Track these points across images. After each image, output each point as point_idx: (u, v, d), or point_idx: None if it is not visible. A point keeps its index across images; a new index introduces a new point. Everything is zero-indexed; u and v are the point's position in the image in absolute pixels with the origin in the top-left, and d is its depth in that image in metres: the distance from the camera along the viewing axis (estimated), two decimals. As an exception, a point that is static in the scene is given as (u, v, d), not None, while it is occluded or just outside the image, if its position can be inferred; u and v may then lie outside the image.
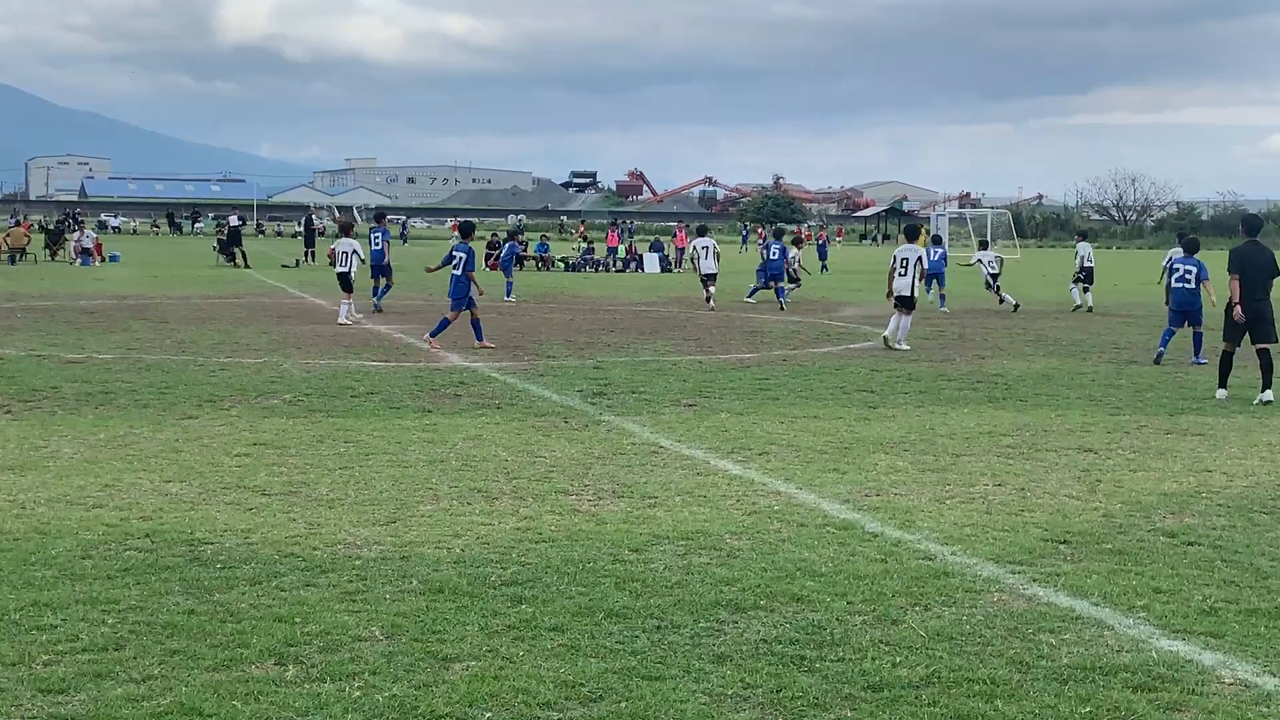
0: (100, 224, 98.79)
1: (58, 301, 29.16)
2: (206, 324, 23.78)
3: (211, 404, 13.83)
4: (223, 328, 23.03)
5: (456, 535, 8.39)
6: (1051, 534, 8.66)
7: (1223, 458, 11.65)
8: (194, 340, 20.71)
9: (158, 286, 35.37)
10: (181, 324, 23.68)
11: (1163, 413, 14.35)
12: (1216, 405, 14.97)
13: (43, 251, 52.92)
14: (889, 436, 12.47)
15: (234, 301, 30.27)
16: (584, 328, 24.50)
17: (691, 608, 6.88)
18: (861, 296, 36.25)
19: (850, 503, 9.54)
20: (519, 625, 6.58)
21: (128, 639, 6.29)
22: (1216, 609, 7.03)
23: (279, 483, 9.92)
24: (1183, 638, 6.58)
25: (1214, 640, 6.55)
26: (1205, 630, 6.68)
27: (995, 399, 15.26)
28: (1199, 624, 6.78)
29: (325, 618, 6.63)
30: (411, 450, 11.34)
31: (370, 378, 16.20)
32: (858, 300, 34.60)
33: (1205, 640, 6.55)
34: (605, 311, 29.32)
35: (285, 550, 7.94)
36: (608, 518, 8.95)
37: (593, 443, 11.89)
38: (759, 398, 15.02)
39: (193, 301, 30.05)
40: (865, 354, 20.35)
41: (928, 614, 6.87)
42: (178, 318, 25.11)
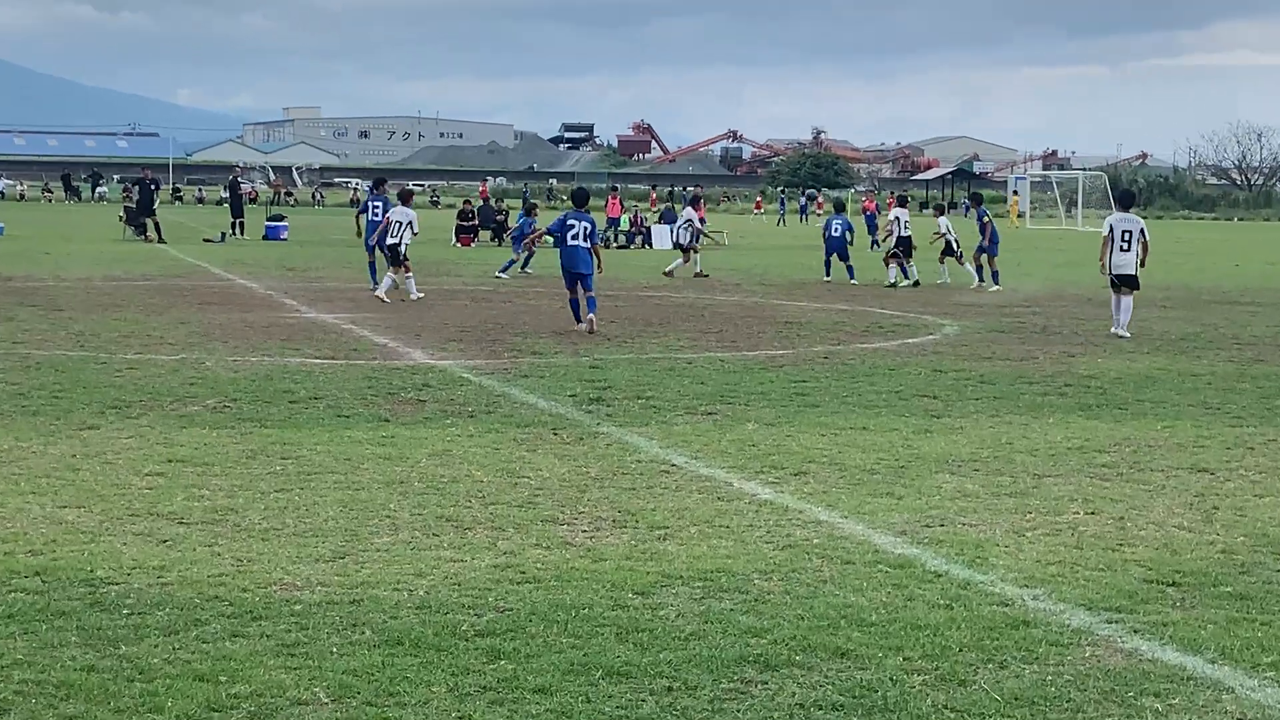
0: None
1: (-73, 284, 29.20)
2: (111, 312, 23.82)
3: (117, 411, 13.85)
4: (131, 317, 23.07)
5: (419, 574, 8.40)
6: (1157, 574, 8.65)
7: (1370, 480, 11.64)
8: (95, 332, 20.74)
9: (50, 265, 35.45)
10: (80, 312, 23.72)
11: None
12: (1362, 415, 14.96)
13: (-92, 222, 53.06)
14: (955, 453, 12.47)
15: (145, 284, 30.32)
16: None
17: (710, 665, 6.88)
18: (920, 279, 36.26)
19: (907, 535, 9.54)
20: (496, 686, 6.58)
21: (13, 702, 6.30)
22: (1362, 668, 7.02)
23: (200, 509, 9.93)
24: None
25: (1359, 706, 6.54)
26: (1348, 694, 6.67)
27: (1087, 407, 15.25)
28: (1340, 686, 6.77)
29: (257, 676, 6.63)
30: (364, 469, 11.35)
31: (314, 379, 16.22)
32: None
33: (1348, 706, 6.53)
34: (604, 297, 29.33)
35: (208, 593, 7.93)
36: (607, 553, 8.95)
37: (589, 460, 11.90)
38: (795, 405, 15.03)
39: (94, 284, 30.09)
40: (926, 351, 20.36)
41: (1003, 673, 6.87)
42: (75, 304, 25.16)
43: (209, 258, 40.22)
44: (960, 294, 31.52)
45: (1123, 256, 22.46)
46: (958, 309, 27.44)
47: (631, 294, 30.27)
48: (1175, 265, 35.10)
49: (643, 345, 20.37)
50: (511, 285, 32.09)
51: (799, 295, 30.46)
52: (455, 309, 25.56)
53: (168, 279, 32.14)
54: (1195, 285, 31.47)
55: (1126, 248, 22.50)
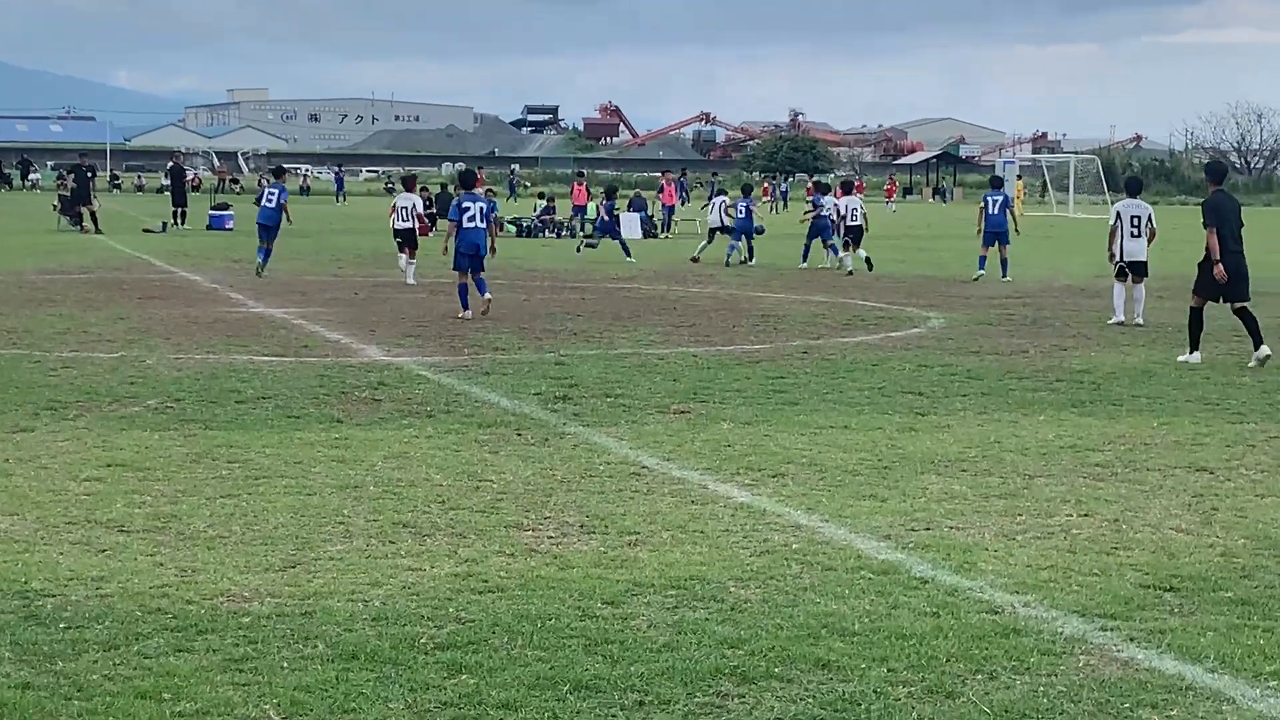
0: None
1: None
2: (45, 307, 23.72)
3: (52, 412, 13.79)
4: (67, 312, 22.98)
5: (375, 584, 8.39)
6: (1154, 579, 8.69)
7: (1377, 479, 11.71)
8: (28, 329, 20.65)
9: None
10: (11, 308, 23.62)
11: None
12: (1369, 410, 15.04)
13: None
14: (942, 453, 12.51)
15: (81, 278, 30.21)
16: (542, 311, 24.53)
17: (685, 677, 6.88)
18: (904, 269, 36.38)
19: (892, 539, 9.56)
20: (458, 702, 6.58)
21: (-57, 722, 6.28)
22: (1369, 676, 7.07)
23: (141, 516, 9.90)
24: (1325, 714, 6.61)
25: (1366, 717, 6.58)
26: (1355, 704, 6.71)
27: (1080, 403, 15.31)
28: (1346, 696, 6.81)
29: (203, 693, 6.62)
30: (316, 473, 11.33)
31: (261, 378, 16.18)
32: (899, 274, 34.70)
33: (1355, 717, 6.58)
34: (570, 289, 29.33)
35: (150, 605, 7.91)
36: (574, 560, 8.95)
37: (554, 462, 11.90)
38: (772, 402, 15.05)
39: (26, 278, 29.98)
40: (911, 344, 20.41)
41: (992, 684, 6.89)
42: (6, 299, 25.06)
43: (149, 249, 40.07)
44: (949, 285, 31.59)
45: (1134, 243, 23.05)
46: (944, 300, 27.52)
47: (599, 286, 30.27)
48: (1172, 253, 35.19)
49: (611, 340, 20.37)
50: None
51: (776, 287, 30.50)
52: (412, 302, 25.52)
53: (106, 272, 32.02)
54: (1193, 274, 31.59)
55: (1137, 234, 23.07)
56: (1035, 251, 41.61)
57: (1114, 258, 23.26)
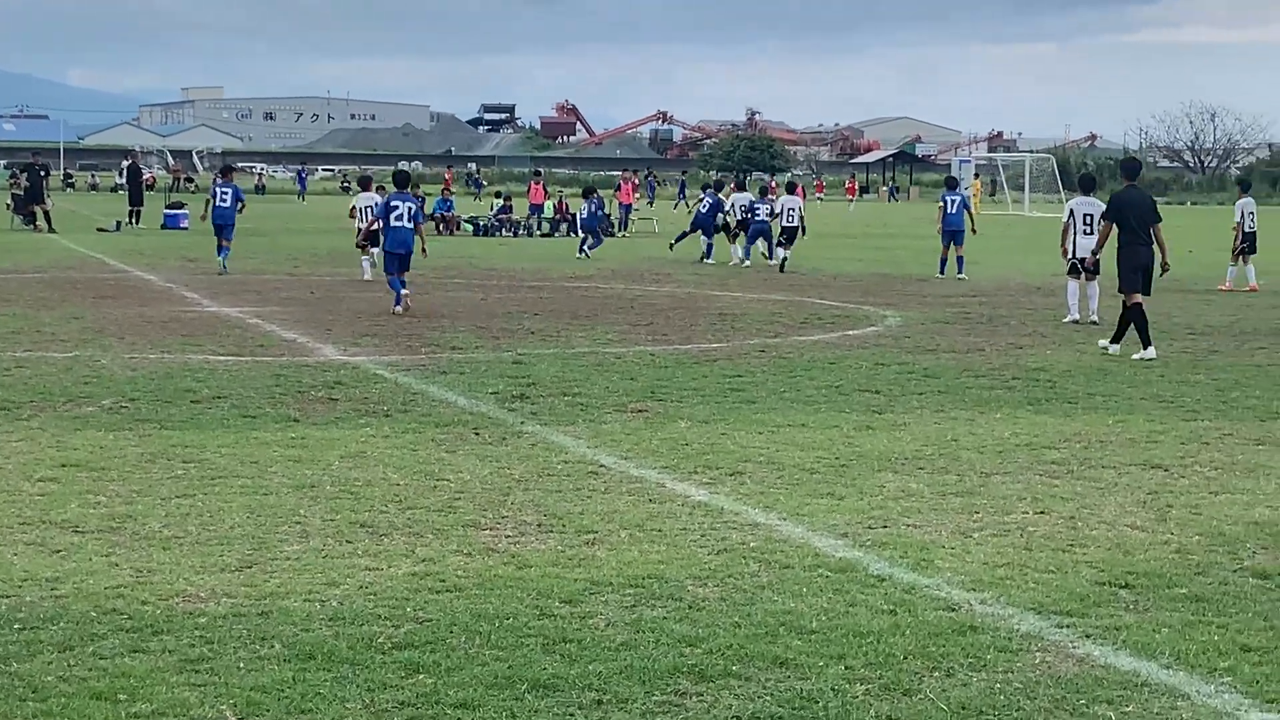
0: None
1: None
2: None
3: (5, 412, 13.71)
4: (20, 311, 22.84)
5: (332, 584, 8.36)
6: (1110, 576, 8.73)
7: (1329, 475, 11.80)
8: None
9: (-68, 257, 35.01)
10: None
11: (1252, 417, 14.53)
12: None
13: None
14: (899, 451, 12.54)
15: (35, 277, 30.02)
16: (500, 310, 24.49)
17: (643, 676, 6.89)
18: (861, 268, 36.47)
19: (849, 537, 9.59)
20: (415, 701, 6.56)
21: (-105, 724, 6.24)
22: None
23: (96, 516, 9.85)
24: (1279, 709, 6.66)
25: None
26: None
27: (1036, 401, 15.38)
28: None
29: (159, 694, 6.59)
30: (272, 472, 11.29)
31: (217, 377, 16.12)
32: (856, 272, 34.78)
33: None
34: (528, 289, 29.30)
35: (105, 606, 7.87)
36: (532, 559, 8.94)
37: (512, 461, 11.89)
38: (729, 401, 15.07)
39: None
40: (868, 343, 20.47)
41: (949, 681, 6.92)
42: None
43: (104, 248, 39.84)
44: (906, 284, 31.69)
45: (1087, 240, 23.03)
46: (900, 299, 27.60)
47: (557, 285, 30.25)
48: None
49: (569, 339, 20.36)
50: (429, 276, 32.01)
51: (733, 285, 30.54)
52: (369, 301, 25.43)
53: (59, 271, 31.81)
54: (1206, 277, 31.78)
55: (1090, 231, 23.06)
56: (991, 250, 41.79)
57: (1068, 255, 23.35)
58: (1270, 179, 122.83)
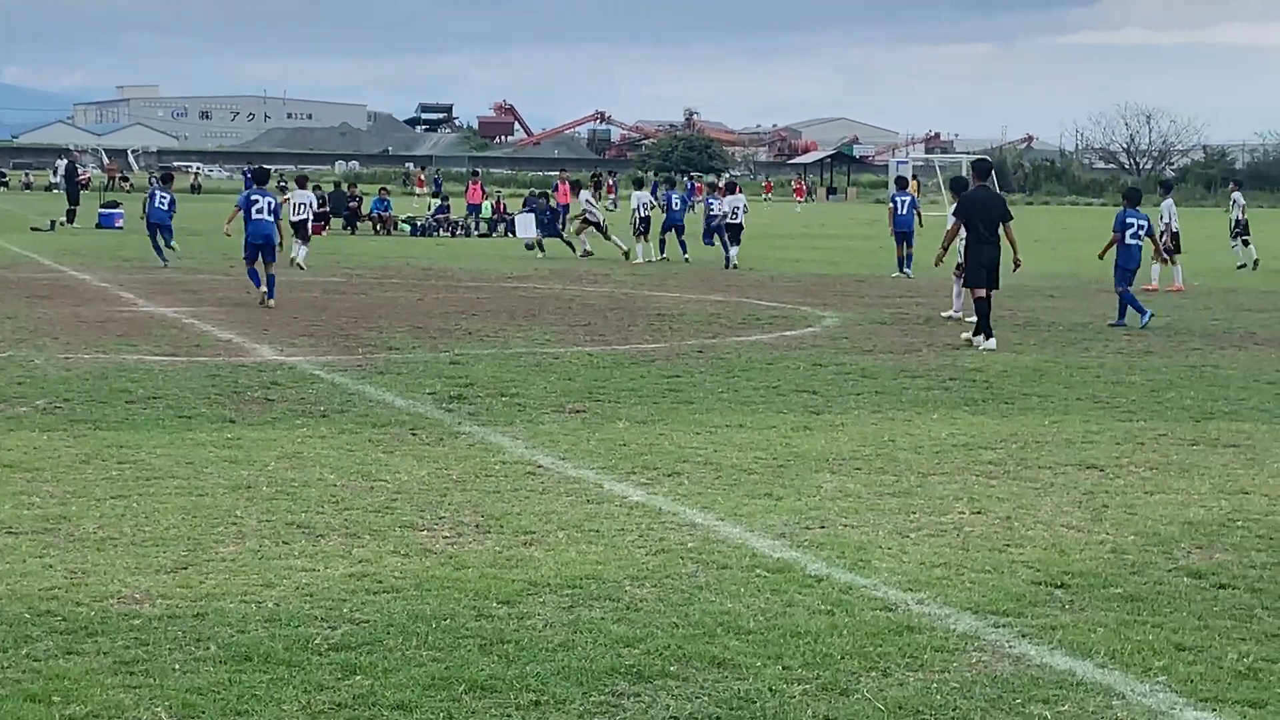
0: None
1: None
2: (-71, 306, 23.32)
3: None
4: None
5: (269, 585, 8.32)
6: (1046, 575, 8.79)
7: (1263, 475, 11.92)
8: (-88, 328, 20.30)
9: None
10: (-105, 306, 23.21)
11: (1186, 418, 14.65)
12: (1255, 409, 15.31)
13: None
14: (836, 451, 12.58)
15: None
16: (437, 310, 24.43)
17: (580, 677, 6.89)
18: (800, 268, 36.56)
19: (786, 537, 9.61)
20: (352, 703, 6.54)
21: None
22: (1256, 670, 7.19)
23: (30, 517, 9.77)
24: (1214, 707, 6.72)
25: (1253, 710, 6.69)
26: (1242, 698, 6.82)
27: (973, 401, 15.47)
28: (1235, 689, 6.92)
29: (93, 696, 6.54)
30: (208, 473, 11.23)
31: (152, 377, 16.01)
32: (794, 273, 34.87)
33: (1242, 710, 6.69)
34: (466, 289, 29.24)
35: (39, 607, 7.81)
36: (470, 560, 8.93)
37: (449, 461, 11.86)
38: (667, 401, 15.08)
39: (-90, 276, 29.46)
40: (805, 343, 20.53)
41: (886, 680, 6.94)
42: (-110, 297, 24.60)
43: (38, 247, 39.48)
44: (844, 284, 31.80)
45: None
46: (838, 299, 27.70)
47: (495, 285, 30.20)
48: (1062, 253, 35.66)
49: (506, 339, 20.33)
50: (366, 277, 31.89)
51: (671, 286, 30.57)
52: (306, 302, 25.33)
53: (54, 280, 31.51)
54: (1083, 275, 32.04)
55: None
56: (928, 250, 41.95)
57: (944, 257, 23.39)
58: (1205, 181, 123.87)
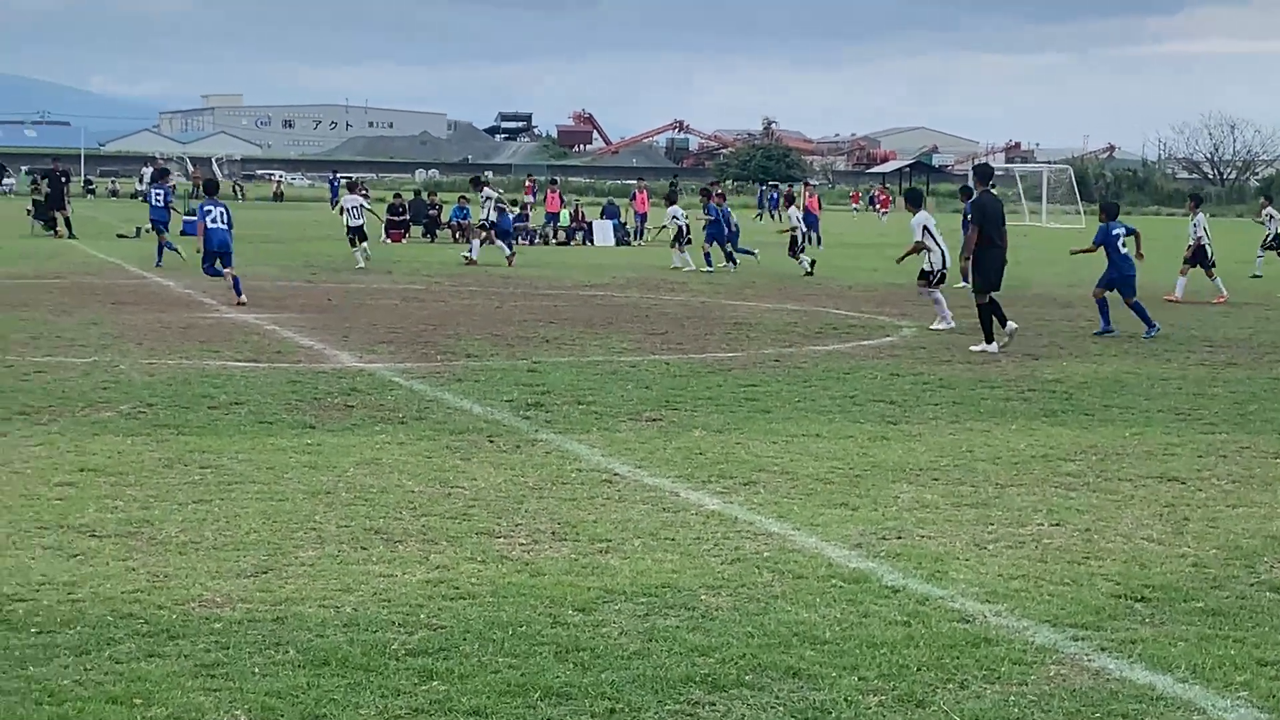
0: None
1: None
2: (18, 311, 23.63)
3: (25, 417, 13.74)
4: (39, 317, 22.90)
5: (347, 590, 8.37)
6: (1126, 589, 8.72)
7: (1346, 489, 11.77)
8: (1, 333, 20.56)
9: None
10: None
11: (1270, 430, 14.48)
12: (1338, 421, 15.11)
13: None
14: (914, 461, 12.53)
15: (54, 282, 30.10)
16: (515, 318, 24.50)
17: (655, 685, 6.89)
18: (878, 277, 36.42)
19: (863, 548, 9.58)
20: (428, 708, 6.57)
21: (-89, 727, 6.25)
22: (1337, 686, 7.10)
23: (113, 521, 9.87)
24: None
25: (1334, 726, 6.61)
26: (1323, 713, 6.74)
27: (1052, 413, 15.36)
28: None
29: (174, 698, 6.60)
30: (288, 479, 11.30)
31: (234, 383, 16.14)
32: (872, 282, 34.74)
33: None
34: (543, 297, 29.31)
35: (121, 610, 7.89)
36: (546, 567, 8.94)
37: (526, 469, 11.89)
38: (744, 410, 15.06)
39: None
40: (883, 353, 20.45)
41: (963, 693, 6.90)
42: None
43: (123, 254, 39.92)
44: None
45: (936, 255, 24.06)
46: (916, 309, 27.56)
47: (572, 293, 30.26)
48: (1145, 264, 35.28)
49: (584, 347, 20.37)
50: (445, 284, 32.03)
51: (748, 295, 30.53)
52: (385, 309, 25.48)
53: (79, 277, 31.89)
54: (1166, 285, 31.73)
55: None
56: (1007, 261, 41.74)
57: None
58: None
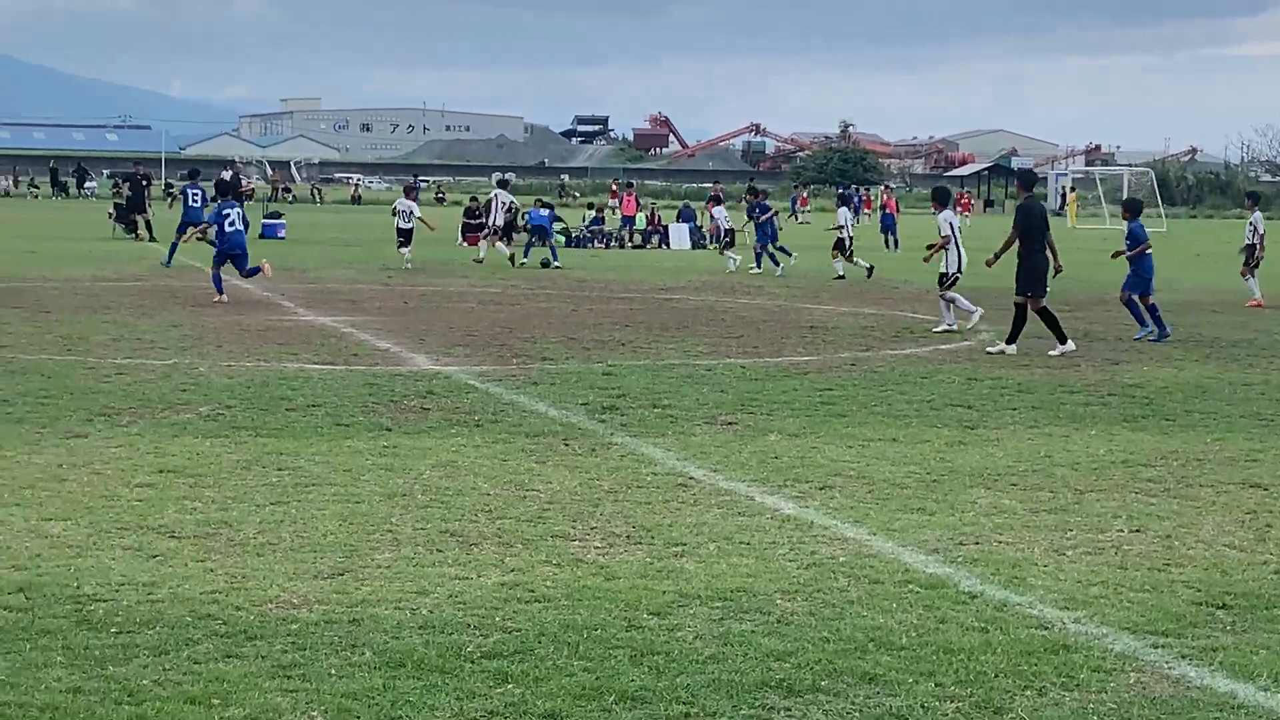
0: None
1: (-95, 284, 29.29)
2: (99, 314, 23.88)
3: (105, 419, 13.88)
4: (120, 319, 23.13)
5: (423, 592, 8.41)
6: (1207, 596, 8.63)
7: None
8: (83, 335, 20.79)
9: (36, 265, 35.55)
10: (67, 314, 23.79)
11: (1353, 437, 14.30)
12: None
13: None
14: (991, 466, 12.45)
15: (135, 285, 30.41)
16: (591, 321, 24.54)
17: (731, 689, 6.88)
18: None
19: (940, 553, 9.53)
20: (504, 710, 6.58)
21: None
22: None
23: (192, 522, 9.95)
24: (1378, 734, 6.56)
25: None
26: None
27: (1132, 418, 15.23)
28: (1400, 716, 6.75)
29: (251, 699, 6.65)
30: (365, 481, 11.37)
31: (311, 385, 16.25)
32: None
33: None
34: (619, 300, 29.34)
35: (200, 611, 7.96)
36: (621, 571, 8.95)
37: (601, 472, 11.91)
38: (820, 414, 15.02)
39: (82, 285, 30.18)
40: (960, 357, 20.34)
41: (1042, 700, 6.86)
42: (62, 306, 25.23)
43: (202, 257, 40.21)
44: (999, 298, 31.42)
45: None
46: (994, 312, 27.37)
47: (648, 296, 30.28)
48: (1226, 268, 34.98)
49: (659, 351, 20.37)
50: (521, 287, 32.12)
51: (825, 298, 30.45)
52: (461, 312, 25.59)
53: (159, 279, 32.22)
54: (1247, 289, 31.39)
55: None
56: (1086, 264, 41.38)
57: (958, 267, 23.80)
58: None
